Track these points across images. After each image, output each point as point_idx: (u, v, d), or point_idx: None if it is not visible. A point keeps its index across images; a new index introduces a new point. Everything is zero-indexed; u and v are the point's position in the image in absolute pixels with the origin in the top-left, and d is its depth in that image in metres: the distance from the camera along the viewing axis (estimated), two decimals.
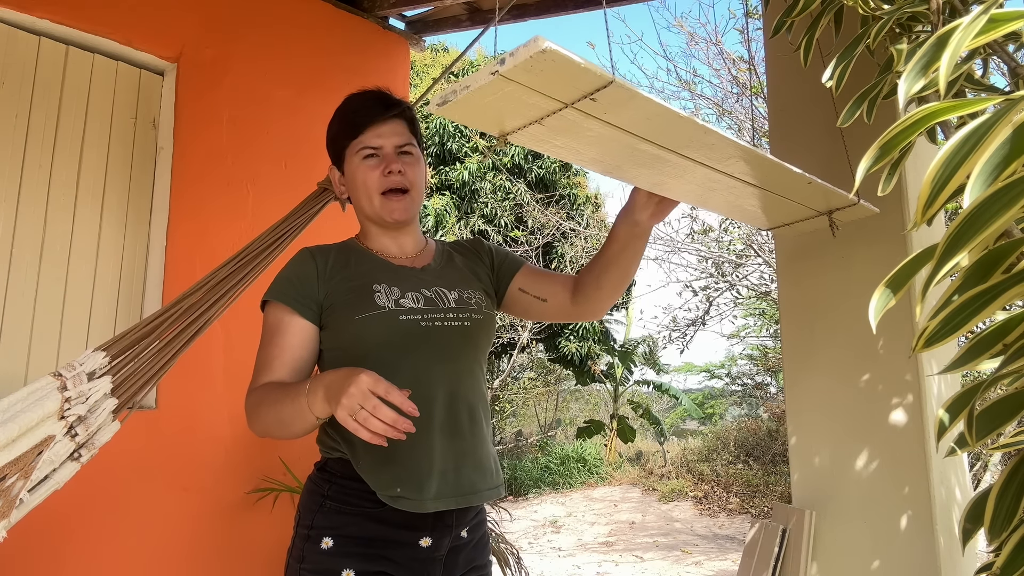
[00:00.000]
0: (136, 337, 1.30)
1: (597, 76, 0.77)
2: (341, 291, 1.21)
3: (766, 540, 1.72)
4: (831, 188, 1.29)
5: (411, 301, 1.20)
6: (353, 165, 1.27)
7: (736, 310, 8.11)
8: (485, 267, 1.39)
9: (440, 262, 1.34)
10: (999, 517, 0.46)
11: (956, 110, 0.47)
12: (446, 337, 1.21)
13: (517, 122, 0.87)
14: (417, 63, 8.80)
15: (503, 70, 0.74)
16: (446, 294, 1.26)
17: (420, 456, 1.15)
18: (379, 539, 1.13)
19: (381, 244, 1.31)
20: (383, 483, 1.13)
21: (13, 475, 1.08)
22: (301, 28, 2.77)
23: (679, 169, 1.10)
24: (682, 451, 9.56)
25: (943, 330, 0.43)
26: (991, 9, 0.44)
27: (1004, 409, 0.47)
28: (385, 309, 1.17)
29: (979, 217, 0.37)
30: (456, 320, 1.23)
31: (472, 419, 1.23)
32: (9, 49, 2.12)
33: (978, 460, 3.46)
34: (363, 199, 1.27)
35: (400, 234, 1.31)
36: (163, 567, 2.19)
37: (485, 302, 1.32)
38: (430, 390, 1.17)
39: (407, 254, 1.32)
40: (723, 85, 6.33)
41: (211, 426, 2.35)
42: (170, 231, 2.33)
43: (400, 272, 1.26)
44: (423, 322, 1.19)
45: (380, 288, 1.20)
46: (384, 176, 1.24)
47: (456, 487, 1.17)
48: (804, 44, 1.17)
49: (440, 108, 0.81)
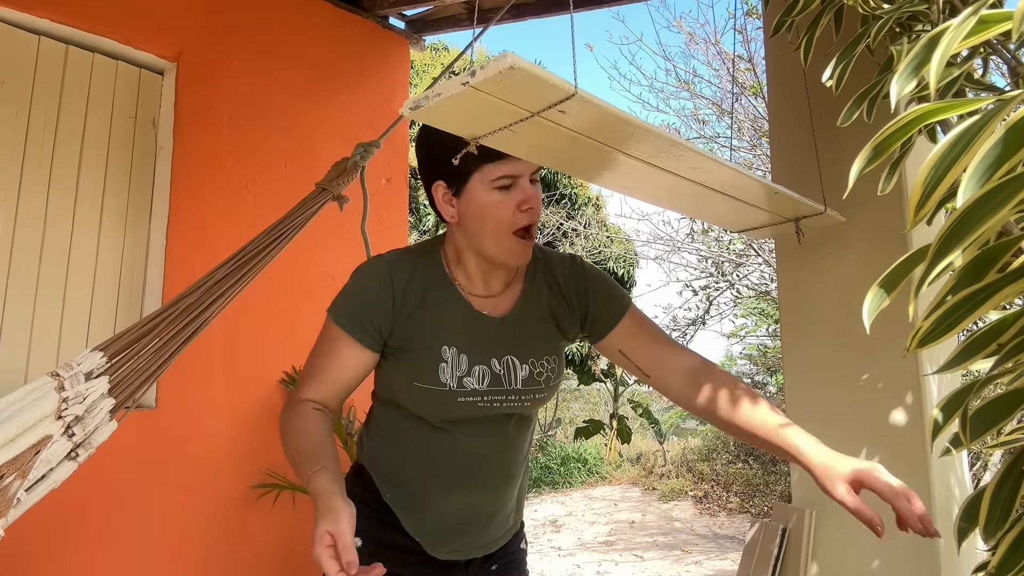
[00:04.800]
0: (134, 337, 1.30)
1: (561, 89, 0.82)
2: (409, 343, 1.13)
3: (766, 540, 1.72)
4: (798, 197, 1.32)
5: (475, 380, 1.13)
6: (483, 193, 1.07)
7: (736, 310, 8.10)
8: (574, 316, 1.22)
9: (524, 305, 1.19)
10: (994, 516, 0.46)
11: (949, 110, 0.47)
12: (503, 416, 1.18)
13: (488, 128, 0.92)
14: (417, 63, 8.79)
15: (473, 82, 0.78)
16: (515, 370, 1.16)
17: (446, 514, 1.20)
18: (405, 549, 1.20)
19: (470, 276, 1.17)
20: (407, 524, 1.20)
21: (10, 475, 1.08)
22: (301, 27, 2.77)
23: (647, 175, 1.15)
24: (682, 451, 9.55)
25: (937, 330, 0.43)
26: (980, 10, 0.44)
27: (999, 408, 0.47)
28: (446, 388, 1.12)
29: (972, 216, 0.37)
30: (517, 401, 1.17)
31: (508, 475, 1.24)
32: (9, 48, 2.12)
33: (978, 459, 3.46)
34: (487, 234, 1.09)
35: (498, 268, 1.17)
36: (162, 566, 2.19)
37: (556, 371, 1.21)
38: (469, 455, 1.19)
39: (493, 291, 1.18)
40: (722, 85, 6.33)
41: (210, 425, 2.35)
42: (170, 231, 2.33)
43: (476, 326, 1.15)
44: (481, 403, 1.14)
45: (448, 356, 1.12)
46: (520, 211, 1.07)
47: (473, 541, 1.23)
48: (804, 44, 1.17)
49: (412, 112, 0.85)
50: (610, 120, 0.93)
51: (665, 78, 11.99)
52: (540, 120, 0.89)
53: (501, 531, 1.27)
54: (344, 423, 2.45)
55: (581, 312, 1.22)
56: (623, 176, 1.17)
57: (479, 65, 0.79)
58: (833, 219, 1.46)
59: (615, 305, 1.21)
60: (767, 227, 1.55)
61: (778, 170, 1.85)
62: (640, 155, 1.07)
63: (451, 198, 1.11)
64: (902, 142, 0.53)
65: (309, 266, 2.65)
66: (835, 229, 1.60)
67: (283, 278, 2.50)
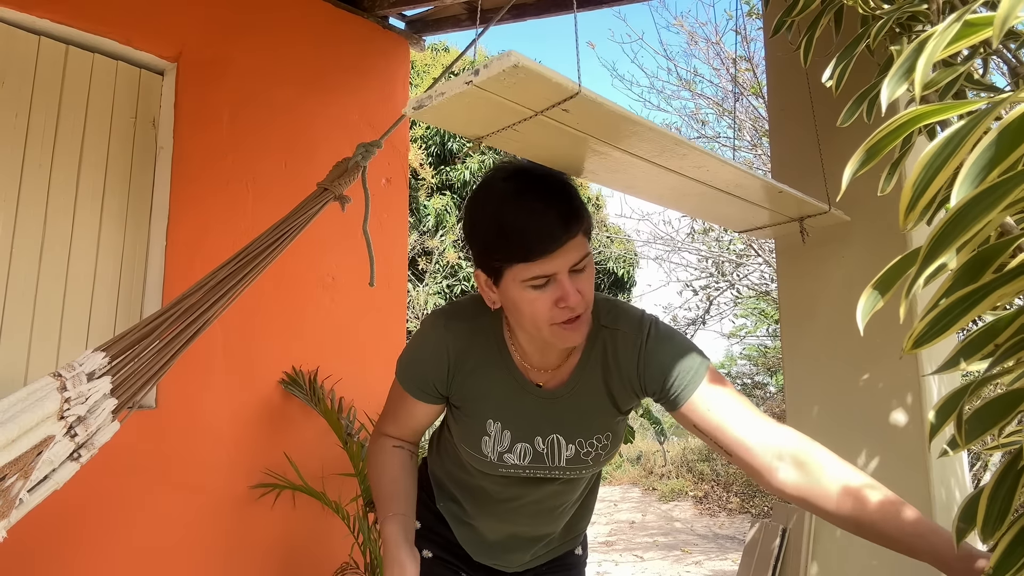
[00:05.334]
0: (136, 337, 1.30)
1: (565, 88, 0.81)
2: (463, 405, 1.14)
3: (766, 540, 1.72)
4: (803, 197, 1.32)
5: (516, 457, 1.11)
6: (515, 290, 1.00)
7: (736, 310, 8.10)
8: (634, 393, 1.12)
9: (579, 380, 1.11)
10: (991, 517, 0.46)
11: (944, 112, 0.47)
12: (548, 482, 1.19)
13: (491, 127, 0.91)
14: (417, 63, 8.79)
15: (477, 81, 0.77)
16: (560, 449, 1.11)
17: (488, 534, 1.26)
18: (457, 545, 1.28)
19: (525, 350, 1.11)
20: (455, 530, 1.28)
21: (12, 475, 1.08)
22: (301, 28, 2.77)
23: (651, 174, 1.14)
24: (682, 451, 9.55)
25: (932, 331, 0.43)
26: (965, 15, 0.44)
27: (996, 409, 0.47)
28: (487, 459, 1.13)
29: (964, 217, 0.37)
30: (562, 475, 1.15)
31: (553, 516, 1.25)
32: (9, 49, 2.12)
33: (978, 459, 3.46)
34: (527, 325, 1.03)
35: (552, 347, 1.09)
36: (163, 566, 2.19)
37: (609, 446, 1.14)
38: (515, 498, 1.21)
39: (548, 365, 1.11)
40: (723, 85, 6.33)
41: (210, 425, 2.35)
42: (170, 231, 2.34)
43: (525, 400, 1.11)
44: (524, 474, 1.15)
45: (492, 430, 1.11)
46: (558, 308, 0.98)
47: (512, 562, 1.28)
48: (804, 44, 1.18)
49: (416, 112, 0.84)
50: (614, 119, 0.92)
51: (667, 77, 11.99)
52: (543, 119, 0.89)
53: (546, 550, 1.30)
54: (344, 423, 2.45)
55: (645, 390, 1.12)
56: (627, 176, 1.17)
57: (482, 64, 0.78)
58: (837, 218, 1.46)
59: (684, 381, 1.07)
60: (771, 227, 1.55)
61: (778, 170, 1.85)
62: (644, 154, 1.06)
63: (492, 285, 1.04)
64: (902, 142, 0.54)
65: (310, 266, 2.65)
66: (836, 229, 1.60)
67: (284, 278, 2.50)
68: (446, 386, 1.13)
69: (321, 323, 2.66)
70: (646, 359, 1.08)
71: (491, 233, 0.99)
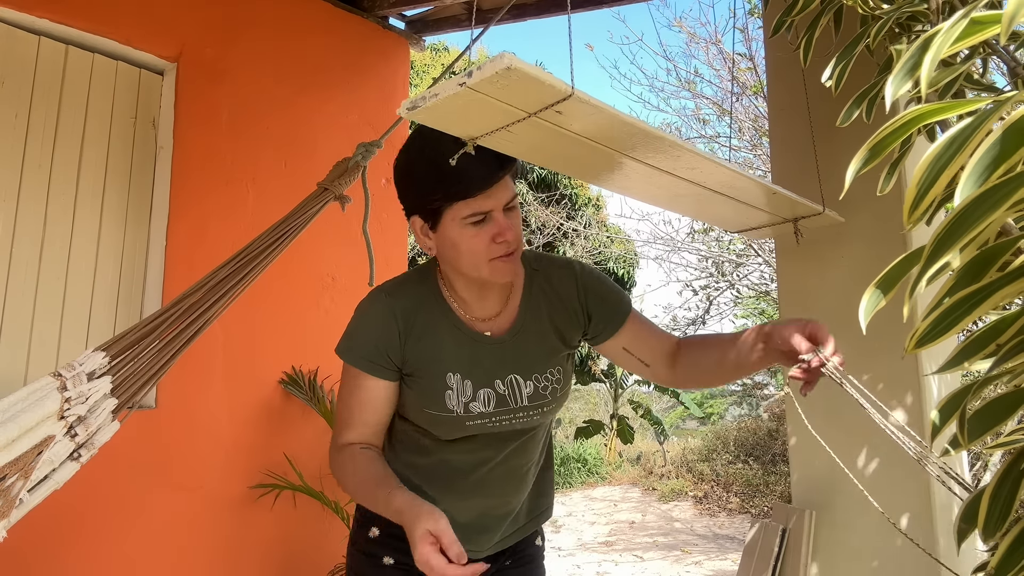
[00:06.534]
0: (136, 337, 1.30)
1: (558, 90, 0.82)
2: (418, 369, 1.16)
3: (766, 540, 1.72)
4: (796, 198, 1.33)
5: (481, 404, 1.16)
6: (455, 229, 1.08)
7: (736, 310, 8.10)
8: (576, 322, 1.23)
9: (524, 321, 1.20)
10: (992, 517, 0.46)
11: (946, 111, 0.47)
12: (512, 432, 1.21)
13: (485, 128, 0.92)
14: (417, 63, 8.80)
15: (470, 83, 0.78)
16: (520, 388, 1.18)
17: (455, 517, 1.21)
18: None
19: (465, 300, 1.19)
20: None
21: (13, 475, 1.08)
22: (301, 28, 2.77)
23: (645, 176, 1.15)
24: (682, 451, 9.55)
25: (935, 330, 0.43)
26: (972, 13, 0.44)
27: (998, 409, 0.47)
28: (453, 414, 1.15)
29: (968, 217, 0.37)
30: (525, 417, 1.20)
31: (520, 482, 1.27)
32: (9, 49, 2.12)
33: (978, 460, 3.46)
34: (465, 263, 1.11)
35: (490, 289, 1.19)
36: (162, 566, 2.19)
37: (563, 380, 1.23)
38: (479, 466, 1.22)
39: (490, 312, 1.19)
40: (723, 85, 6.33)
41: (211, 425, 2.35)
42: (170, 231, 2.34)
43: (479, 350, 1.17)
44: (491, 424, 1.18)
45: (452, 382, 1.15)
46: (495, 243, 1.09)
47: (483, 544, 1.25)
48: (803, 44, 1.18)
49: (409, 112, 0.85)
50: (607, 121, 0.93)
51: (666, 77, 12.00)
52: (537, 121, 0.89)
53: (511, 530, 1.30)
54: None
55: (584, 319, 1.23)
56: (621, 177, 1.17)
57: (476, 66, 0.79)
58: (832, 219, 1.47)
59: (618, 309, 1.24)
60: (765, 227, 1.56)
61: (778, 170, 1.85)
62: (637, 155, 1.07)
63: (428, 231, 1.12)
64: (901, 142, 0.53)
65: (310, 266, 2.65)
66: (836, 229, 1.60)
67: (284, 278, 2.50)
68: (400, 353, 1.15)
69: (321, 323, 2.66)
70: (585, 287, 1.23)
71: (431, 176, 1.06)
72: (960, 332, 0.46)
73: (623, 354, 1.25)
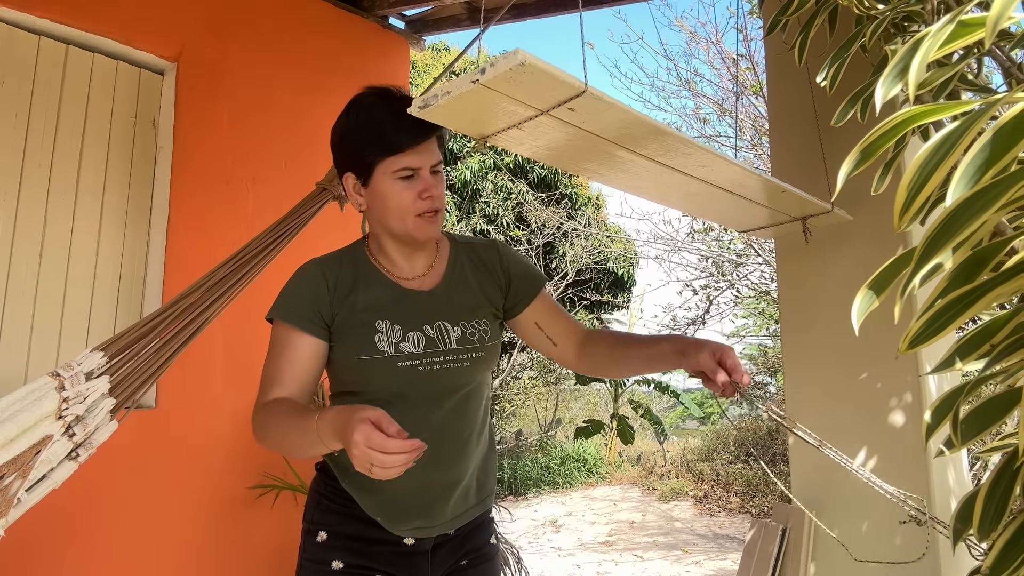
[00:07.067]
0: (134, 337, 1.30)
1: (572, 86, 0.81)
2: (347, 321, 1.21)
3: (766, 540, 1.72)
4: (805, 196, 1.32)
5: (411, 344, 1.21)
6: (385, 184, 1.18)
7: (736, 309, 8.09)
8: (499, 287, 1.33)
9: (450, 280, 1.30)
10: (987, 517, 0.46)
11: (938, 112, 0.47)
12: (442, 379, 1.23)
13: (497, 126, 0.91)
14: (417, 63, 8.79)
15: (483, 79, 0.77)
16: (448, 332, 1.24)
17: (400, 492, 1.22)
18: (365, 537, 1.24)
19: (393, 260, 1.27)
20: (366, 505, 1.24)
21: (11, 475, 1.08)
22: (301, 28, 2.77)
23: (656, 174, 1.14)
24: (682, 451, 9.54)
25: (928, 330, 0.43)
26: (959, 16, 0.44)
27: (992, 410, 0.47)
28: (384, 355, 1.18)
29: (959, 218, 0.37)
30: (456, 362, 1.23)
31: (462, 450, 1.27)
32: (9, 49, 2.13)
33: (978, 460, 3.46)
34: (392, 218, 1.20)
35: (416, 250, 1.27)
36: (162, 566, 2.19)
37: (490, 332, 1.29)
38: (418, 429, 1.18)
39: (417, 272, 1.28)
40: (723, 84, 6.33)
41: (210, 425, 2.35)
42: (170, 231, 2.34)
43: (406, 300, 1.24)
44: (421, 367, 1.20)
45: (382, 327, 1.20)
46: (421, 199, 1.18)
47: (434, 519, 1.25)
48: (799, 43, 1.18)
49: (421, 111, 0.84)
50: (619, 118, 0.91)
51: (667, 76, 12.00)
52: (549, 118, 0.88)
53: (463, 508, 1.29)
54: None
55: (504, 285, 1.34)
56: (631, 175, 1.16)
57: (489, 63, 0.78)
58: (840, 218, 1.45)
59: (534, 281, 1.35)
60: (774, 226, 1.54)
61: (779, 169, 1.85)
62: (649, 153, 1.06)
63: (360, 188, 1.22)
64: (896, 142, 0.53)
65: None
66: (835, 229, 1.60)
67: (283, 278, 2.50)
68: (330, 308, 1.20)
69: None
70: (504, 260, 1.34)
71: (367, 132, 1.18)
72: (955, 332, 0.46)
73: (535, 331, 1.34)
